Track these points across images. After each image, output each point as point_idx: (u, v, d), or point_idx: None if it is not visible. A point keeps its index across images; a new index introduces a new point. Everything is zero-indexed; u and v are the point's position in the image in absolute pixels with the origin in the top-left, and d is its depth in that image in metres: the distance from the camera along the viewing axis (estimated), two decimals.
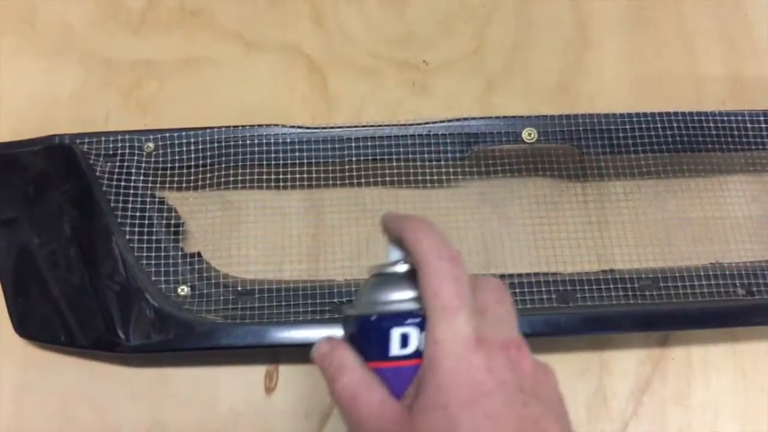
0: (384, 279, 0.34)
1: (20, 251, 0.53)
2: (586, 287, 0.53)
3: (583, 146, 0.57)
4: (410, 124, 0.57)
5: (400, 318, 0.32)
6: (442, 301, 0.31)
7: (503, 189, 0.60)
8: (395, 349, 0.32)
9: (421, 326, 0.32)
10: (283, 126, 0.57)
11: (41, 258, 0.53)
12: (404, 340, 0.32)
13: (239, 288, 0.53)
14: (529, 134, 0.56)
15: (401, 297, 0.33)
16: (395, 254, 0.35)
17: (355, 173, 0.58)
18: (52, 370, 0.54)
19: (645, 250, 0.58)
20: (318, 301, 0.52)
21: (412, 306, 0.33)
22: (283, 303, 0.52)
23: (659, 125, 0.57)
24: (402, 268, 0.34)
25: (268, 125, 0.57)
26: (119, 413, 0.54)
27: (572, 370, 0.56)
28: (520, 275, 0.54)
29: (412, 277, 0.33)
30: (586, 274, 0.54)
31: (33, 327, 0.52)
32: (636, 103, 0.65)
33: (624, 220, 0.60)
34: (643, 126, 0.57)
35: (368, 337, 0.33)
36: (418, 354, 0.32)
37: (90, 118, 0.63)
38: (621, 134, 0.57)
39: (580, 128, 0.57)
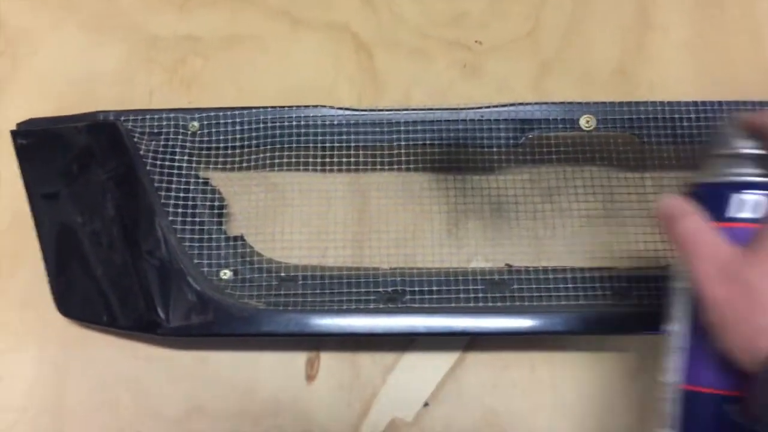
0: (737, 159, 0.39)
1: (63, 229, 0.53)
2: (644, 284, 0.51)
3: (644, 135, 0.54)
4: (462, 108, 0.54)
5: (746, 186, 0.38)
6: None
7: (556, 178, 0.58)
8: (734, 211, 0.37)
9: (764, 195, 0.37)
10: (331, 107, 0.55)
11: (84, 236, 0.52)
12: (745, 205, 0.37)
13: (282, 274, 0.52)
14: (587, 121, 0.54)
15: (756, 171, 0.38)
16: (744, 142, 0.39)
17: (403, 158, 0.56)
18: (93, 350, 0.54)
19: None
20: (362, 290, 0.50)
21: (758, 179, 0.38)
22: (327, 291, 0.50)
23: (726, 115, 0.54)
24: (755, 150, 0.39)
25: (315, 106, 0.55)
26: (159, 395, 0.53)
27: (626, 369, 0.54)
28: (573, 270, 0.52)
29: (757, 159, 0.39)
30: (644, 270, 0.52)
31: (75, 306, 0.52)
32: (699, 91, 0.62)
33: None
34: (709, 115, 0.54)
35: (713, 200, 0.38)
36: (757, 220, 0.37)
37: (133, 96, 0.62)
38: (685, 123, 0.54)
39: (642, 116, 0.54)
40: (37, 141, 0.55)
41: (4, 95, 0.62)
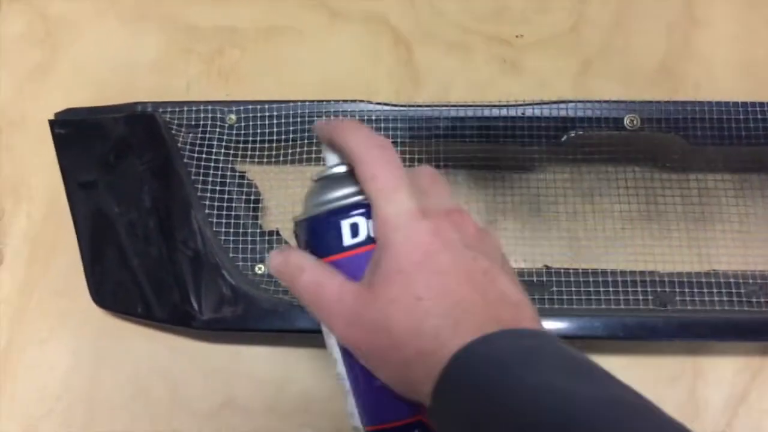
0: (325, 181, 0.35)
1: (100, 219, 0.53)
2: (686, 289, 0.50)
3: (690, 135, 0.52)
4: (503, 105, 0.53)
5: (346, 210, 0.34)
6: (381, 183, 0.32)
7: (598, 177, 0.56)
8: (347, 239, 0.34)
9: (368, 214, 0.33)
10: (369, 102, 0.55)
11: (120, 227, 0.52)
12: (354, 230, 0.34)
13: None
14: (631, 120, 0.53)
15: (344, 193, 0.34)
16: (332, 159, 0.36)
17: (442, 154, 0.55)
18: (128, 341, 0.54)
19: (753, 251, 0.53)
20: None
21: (355, 198, 0.34)
22: None
23: None
24: (340, 168, 0.35)
25: (353, 101, 0.55)
26: (191, 388, 0.53)
27: (662, 376, 0.53)
28: (614, 272, 0.50)
29: (351, 176, 0.34)
30: (687, 275, 0.50)
31: (110, 297, 0.52)
32: (746, 90, 0.60)
33: (731, 217, 0.55)
34: (759, 117, 0.52)
35: (319, 234, 0.35)
36: (369, 240, 0.33)
37: (170, 86, 0.61)
38: (734, 124, 0.52)
39: (689, 116, 0.53)
40: (75, 131, 0.55)
41: (43, 84, 0.62)
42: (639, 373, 0.53)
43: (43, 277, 0.56)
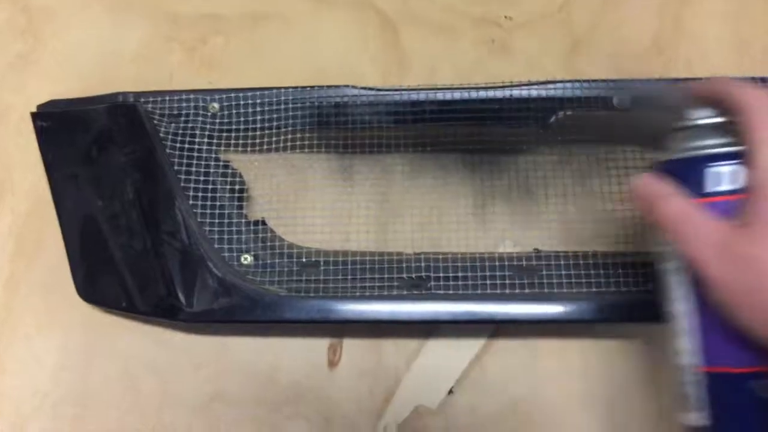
0: (696, 130, 0.38)
1: (83, 212, 0.52)
2: None
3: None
4: (489, 87, 0.52)
5: (718, 157, 0.36)
6: (765, 133, 0.33)
7: (588, 159, 0.55)
8: (713, 186, 0.36)
9: (739, 164, 0.35)
10: (353, 87, 0.54)
11: (104, 220, 0.51)
12: (722, 178, 0.35)
13: (303, 259, 0.50)
14: (620, 100, 0.51)
15: (718, 142, 0.36)
16: (702, 112, 0.38)
17: (429, 138, 0.54)
18: (117, 335, 0.54)
19: None
20: (386, 275, 0.49)
21: (729, 149, 0.36)
22: (349, 277, 0.49)
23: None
24: (712, 120, 0.37)
25: (337, 86, 0.54)
26: (181, 381, 0.53)
27: (660, 357, 0.52)
28: (605, 255, 0.50)
29: (722, 127, 0.37)
30: None
31: (95, 291, 0.51)
32: (740, 68, 0.59)
33: None
34: None
35: (685, 176, 0.36)
36: (737, 190, 0.35)
37: (154, 76, 0.61)
38: None
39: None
40: (57, 123, 0.55)
41: (26, 75, 0.61)
42: (637, 355, 0.52)
43: (29, 273, 0.55)
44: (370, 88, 0.53)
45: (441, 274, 0.49)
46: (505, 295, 0.48)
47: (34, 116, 0.55)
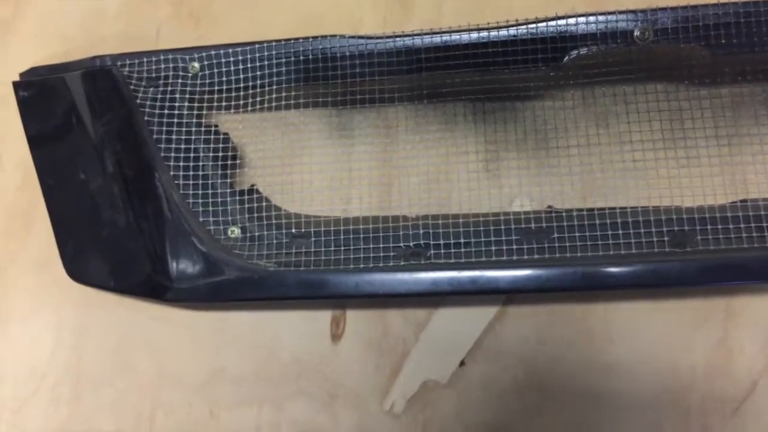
0: None
1: (67, 188, 0.50)
2: (709, 226, 0.43)
3: (712, 45, 0.45)
4: (492, 28, 0.47)
5: None
6: None
7: (611, 101, 0.49)
8: None
9: None
10: (342, 37, 0.49)
11: (87, 196, 0.49)
12: None
13: (294, 230, 0.47)
14: (642, 32, 0.45)
15: None
16: None
17: (432, 88, 0.49)
18: (110, 313, 0.52)
19: None
20: (382, 245, 0.45)
21: None
22: (342, 248, 0.45)
23: None
24: None
25: (324, 37, 0.49)
26: (178, 358, 0.51)
27: (689, 319, 0.47)
28: (623, 212, 0.44)
29: None
30: (710, 209, 0.44)
31: (83, 270, 0.49)
32: None
33: (764, 133, 0.48)
34: None
35: None
36: None
37: (140, 34, 0.57)
38: (764, 28, 0.44)
39: (710, 22, 0.45)
40: (37, 92, 0.52)
41: (7, 42, 0.58)
42: (664, 317, 0.48)
43: (20, 251, 0.54)
44: (361, 37, 0.48)
45: (442, 241, 0.45)
46: (512, 263, 0.43)
47: (16, 85, 0.52)
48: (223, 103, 0.50)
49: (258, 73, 0.49)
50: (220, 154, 0.49)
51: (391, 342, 0.49)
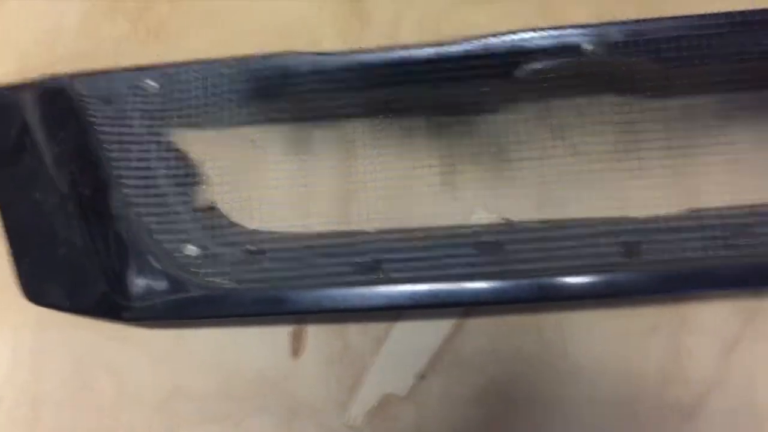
0: None
1: (23, 207, 0.49)
2: (660, 236, 0.44)
3: (664, 58, 0.46)
4: (443, 44, 0.47)
5: None
6: None
7: (564, 112, 0.50)
8: None
9: None
10: (299, 53, 0.49)
11: (43, 216, 0.48)
12: None
13: (252, 247, 0.47)
14: (592, 47, 0.46)
15: None
16: None
17: (391, 103, 0.50)
18: (67, 334, 0.51)
19: (741, 182, 0.47)
20: (340, 260, 0.45)
21: None
22: (301, 264, 0.45)
23: None
24: None
25: (280, 54, 0.49)
26: (138, 378, 0.50)
27: (643, 326, 0.48)
28: (578, 222, 0.45)
29: None
30: (661, 219, 0.45)
31: (39, 291, 0.49)
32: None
33: (717, 147, 0.49)
34: (738, 28, 0.45)
35: None
36: None
37: (98, 51, 0.56)
38: (714, 40, 0.45)
39: (660, 36, 0.46)
40: None
41: None
42: (618, 324, 0.48)
43: None
44: (317, 53, 0.49)
45: (399, 256, 0.45)
46: (469, 276, 0.44)
47: None
48: (181, 121, 0.50)
49: (215, 90, 0.49)
50: (178, 172, 0.49)
51: (351, 356, 0.49)
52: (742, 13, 0.46)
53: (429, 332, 0.49)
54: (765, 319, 0.48)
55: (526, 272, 0.44)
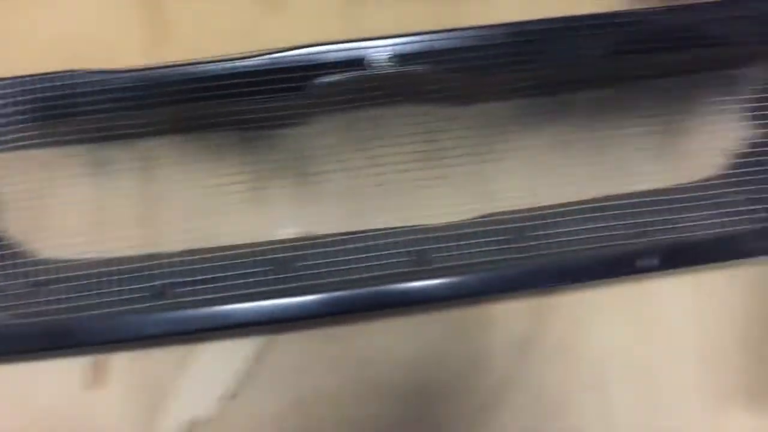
0: None
1: None
2: (453, 242, 0.45)
3: (453, 69, 0.47)
4: (234, 59, 0.47)
5: None
6: None
7: (364, 124, 0.51)
8: None
9: None
10: (87, 72, 0.47)
11: None
12: None
13: (40, 278, 0.44)
14: (378, 60, 0.47)
15: None
16: None
17: (191, 119, 0.49)
18: None
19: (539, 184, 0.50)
20: (132, 286, 0.44)
21: None
22: (85, 293, 0.44)
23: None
24: None
25: (65, 73, 0.47)
26: None
27: (439, 332, 0.49)
28: (373, 233, 0.45)
29: None
30: (454, 226, 0.46)
31: None
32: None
33: (516, 152, 0.51)
34: (521, 38, 0.47)
35: None
36: None
37: None
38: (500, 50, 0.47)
39: (445, 48, 0.47)
40: None
41: None
42: (415, 331, 0.49)
43: None
44: (103, 71, 0.47)
45: (187, 279, 0.44)
46: (262, 294, 0.43)
47: None
48: None
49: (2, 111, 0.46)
50: None
51: (155, 382, 0.48)
52: (520, 23, 0.47)
53: (236, 351, 0.48)
54: (553, 315, 0.50)
55: (320, 287, 0.43)
